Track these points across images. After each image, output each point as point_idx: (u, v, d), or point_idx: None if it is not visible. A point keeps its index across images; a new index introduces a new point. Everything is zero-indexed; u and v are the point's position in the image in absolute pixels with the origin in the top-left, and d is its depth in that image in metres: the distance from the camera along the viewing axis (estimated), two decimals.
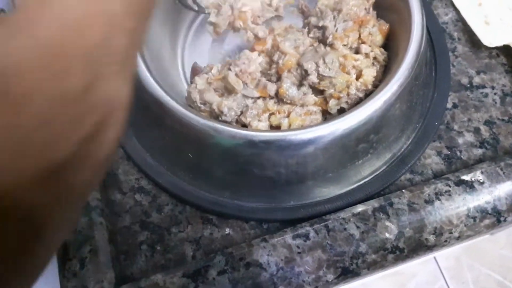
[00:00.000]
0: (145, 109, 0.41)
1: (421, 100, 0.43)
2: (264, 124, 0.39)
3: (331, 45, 0.41)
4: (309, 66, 0.38)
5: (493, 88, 0.46)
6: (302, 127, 0.39)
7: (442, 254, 1.04)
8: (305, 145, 0.36)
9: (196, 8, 0.44)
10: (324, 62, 0.38)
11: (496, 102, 0.45)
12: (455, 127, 0.44)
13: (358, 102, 0.39)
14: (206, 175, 0.41)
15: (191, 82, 0.42)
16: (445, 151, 0.43)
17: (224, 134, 0.36)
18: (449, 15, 0.50)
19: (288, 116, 0.39)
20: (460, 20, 0.50)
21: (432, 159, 0.43)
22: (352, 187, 0.41)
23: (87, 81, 0.15)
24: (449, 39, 0.49)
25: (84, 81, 0.15)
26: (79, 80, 0.15)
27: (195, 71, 0.43)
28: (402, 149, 0.42)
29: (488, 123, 0.44)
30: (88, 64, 0.15)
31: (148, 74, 0.39)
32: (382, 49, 0.43)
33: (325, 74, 0.38)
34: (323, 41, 0.42)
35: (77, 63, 0.15)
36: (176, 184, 0.41)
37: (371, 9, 0.44)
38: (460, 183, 0.38)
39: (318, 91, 0.40)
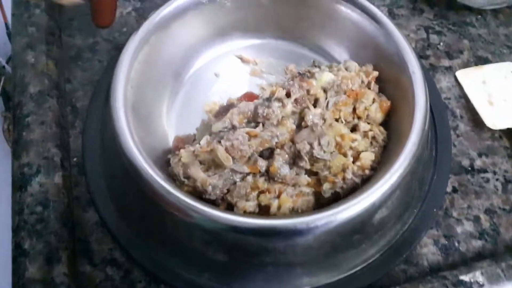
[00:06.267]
0: (125, 175, 0.38)
1: (420, 184, 0.41)
2: (251, 204, 0.36)
3: (325, 120, 0.39)
4: (302, 147, 0.36)
5: (495, 173, 0.44)
6: (293, 210, 0.36)
7: None
8: (296, 234, 0.33)
9: None
10: (319, 144, 0.36)
11: (497, 189, 0.43)
12: (454, 214, 0.42)
13: (354, 188, 0.37)
14: (185, 253, 0.37)
15: (173, 154, 0.39)
16: (443, 241, 0.40)
17: (205, 217, 0.33)
18: (452, 90, 0.49)
19: (278, 196, 0.36)
20: (463, 97, 0.48)
21: (428, 249, 0.40)
22: (343, 275, 0.37)
23: None
24: (451, 116, 0.47)
25: None
26: None
27: (179, 142, 0.40)
28: (398, 236, 0.39)
29: (489, 212, 0.42)
30: None
31: (129, 140, 0.36)
32: (382, 128, 0.41)
33: (320, 156, 0.36)
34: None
35: None
36: (151, 260, 0.38)
37: (373, 83, 0.42)
38: (458, 284, 0.35)
39: (311, 171, 0.37)
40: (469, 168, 0.44)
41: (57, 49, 0.49)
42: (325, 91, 0.40)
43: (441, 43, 0.52)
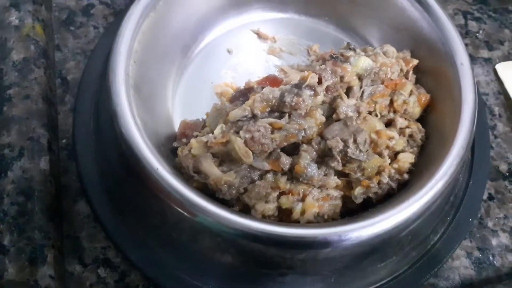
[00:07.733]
0: (122, 163, 0.33)
1: (456, 190, 0.36)
2: (271, 207, 0.31)
3: (359, 113, 0.34)
4: (335, 144, 0.31)
5: None
6: (318, 215, 0.32)
7: None
8: (322, 246, 0.29)
9: None
10: (355, 141, 0.31)
11: None
12: (489, 224, 0.38)
13: (388, 193, 0.32)
14: (190, 258, 0.33)
15: (179, 141, 0.34)
16: (476, 253, 0.37)
17: (219, 221, 0.28)
18: (491, 85, 0.44)
19: (302, 199, 0.31)
20: (503, 93, 0.43)
21: (460, 261, 0.36)
22: None
23: None
24: (488, 114, 0.42)
25: None
26: None
27: (186, 128, 0.35)
28: (429, 247, 0.35)
29: None
30: None
31: (131, 123, 0.31)
32: (420, 125, 0.36)
33: (355, 156, 0.31)
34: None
35: None
36: (151, 263, 0.33)
37: (410, 72, 0.37)
38: None
39: (341, 172, 0.32)
40: (507, 174, 0.40)
41: (46, 10, 0.42)
42: (360, 78, 0.34)
43: (480, 31, 0.46)
